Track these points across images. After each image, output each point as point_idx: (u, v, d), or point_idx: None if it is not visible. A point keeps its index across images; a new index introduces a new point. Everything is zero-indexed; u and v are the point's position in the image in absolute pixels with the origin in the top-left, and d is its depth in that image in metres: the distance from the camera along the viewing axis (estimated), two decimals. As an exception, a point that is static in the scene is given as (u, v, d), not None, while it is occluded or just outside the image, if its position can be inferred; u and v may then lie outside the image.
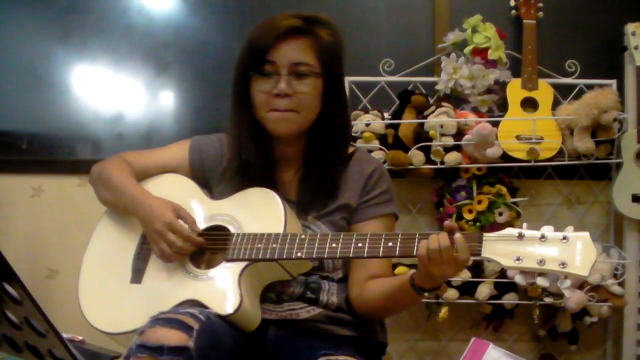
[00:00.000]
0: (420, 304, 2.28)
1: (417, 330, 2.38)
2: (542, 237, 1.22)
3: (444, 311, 2.24)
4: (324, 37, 1.51)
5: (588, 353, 2.37)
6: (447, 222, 1.31)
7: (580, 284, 2.19)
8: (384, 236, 1.34)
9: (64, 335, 1.25)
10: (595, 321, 2.24)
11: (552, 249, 1.21)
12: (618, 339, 2.30)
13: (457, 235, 1.27)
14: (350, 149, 1.63)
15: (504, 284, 2.19)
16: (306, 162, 1.56)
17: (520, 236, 1.23)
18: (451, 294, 2.20)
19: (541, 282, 2.07)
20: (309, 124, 1.53)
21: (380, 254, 1.33)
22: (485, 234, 1.27)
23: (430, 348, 2.39)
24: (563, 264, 1.19)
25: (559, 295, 2.15)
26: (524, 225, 1.26)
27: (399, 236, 1.33)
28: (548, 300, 2.18)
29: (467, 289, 2.21)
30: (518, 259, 1.22)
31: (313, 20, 1.52)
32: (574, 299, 2.14)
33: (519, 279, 2.10)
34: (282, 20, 1.50)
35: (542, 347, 2.37)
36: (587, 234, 1.21)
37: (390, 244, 1.33)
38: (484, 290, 2.19)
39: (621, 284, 2.22)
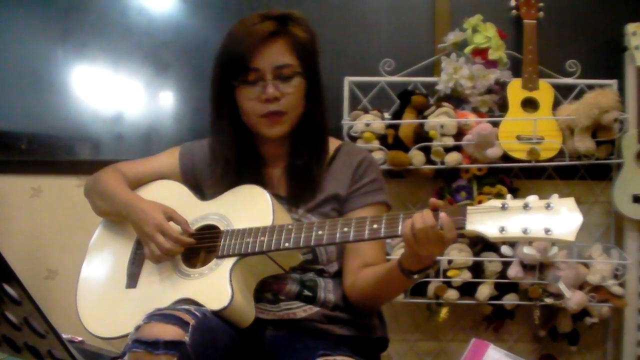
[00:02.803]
0: (420, 304, 2.28)
1: (417, 331, 2.38)
2: (526, 206, 1.20)
3: (444, 312, 2.24)
4: (300, 34, 1.53)
5: (588, 354, 2.37)
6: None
7: (581, 285, 2.19)
8: (368, 219, 1.34)
9: (64, 336, 1.25)
10: (596, 322, 2.23)
11: (536, 217, 1.19)
12: (618, 339, 2.30)
13: (442, 214, 1.25)
14: (338, 143, 1.65)
15: (504, 285, 2.19)
16: (292, 157, 1.58)
17: (504, 207, 1.22)
18: (451, 294, 2.19)
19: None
20: (296, 122, 1.56)
21: (366, 237, 1.33)
22: (469, 207, 1.25)
23: (431, 348, 2.38)
24: (548, 231, 1.17)
25: (559, 296, 2.15)
26: (508, 196, 1.26)
27: (384, 217, 1.33)
28: (548, 300, 2.18)
29: (468, 289, 2.21)
30: (502, 230, 1.21)
31: (286, 19, 1.53)
32: (574, 299, 2.14)
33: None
34: (256, 26, 1.51)
35: (543, 347, 2.36)
36: (572, 199, 1.19)
37: (375, 225, 1.32)
38: (485, 291, 2.18)
39: (621, 285, 2.22)
